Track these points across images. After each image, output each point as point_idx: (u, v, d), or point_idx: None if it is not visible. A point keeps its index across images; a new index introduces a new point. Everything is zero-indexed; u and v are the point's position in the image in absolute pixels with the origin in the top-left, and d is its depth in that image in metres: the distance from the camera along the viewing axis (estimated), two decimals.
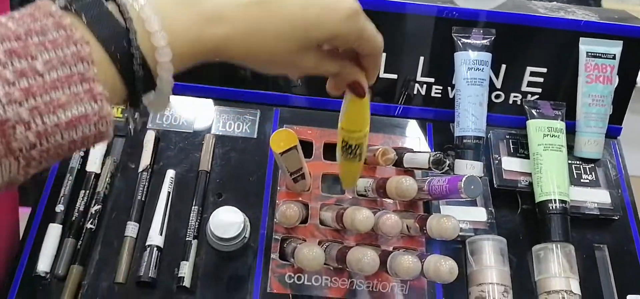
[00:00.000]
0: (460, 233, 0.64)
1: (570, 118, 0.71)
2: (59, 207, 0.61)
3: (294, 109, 0.73)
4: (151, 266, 0.59)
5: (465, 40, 0.69)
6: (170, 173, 0.65)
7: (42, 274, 0.58)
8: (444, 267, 0.55)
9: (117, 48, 0.32)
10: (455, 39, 0.69)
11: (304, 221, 0.64)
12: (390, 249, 0.63)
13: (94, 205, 0.62)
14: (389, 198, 0.64)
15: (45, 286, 0.58)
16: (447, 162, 0.63)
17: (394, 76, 0.72)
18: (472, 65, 0.69)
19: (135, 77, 0.33)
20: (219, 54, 0.37)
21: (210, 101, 0.72)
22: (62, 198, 0.62)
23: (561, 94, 0.72)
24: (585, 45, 0.70)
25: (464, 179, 0.55)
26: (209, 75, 0.71)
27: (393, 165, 0.68)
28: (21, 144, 0.29)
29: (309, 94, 0.73)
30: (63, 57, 0.30)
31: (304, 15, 0.38)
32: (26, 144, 0.29)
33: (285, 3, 0.38)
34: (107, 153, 0.66)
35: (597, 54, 0.70)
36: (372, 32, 0.42)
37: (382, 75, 0.72)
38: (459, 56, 0.69)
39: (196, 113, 0.71)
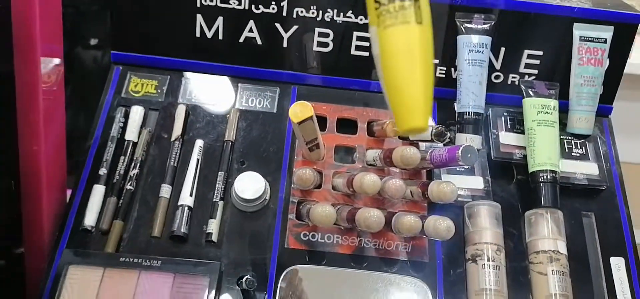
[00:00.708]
0: (459, 199, 0.71)
1: (564, 97, 0.77)
2: (102, 171, 0.69)
3: (310, 87, 0.80)
4: (183, 222, 0.67)
5: (468, 25, 0.76)
6: (199, 143, 0.73)
7: (88, 228, 0.66)
8: (441, 225, 0.62)
9: None
10: (458, 23, 0.76)
11: (318, 186, 0.71)
12: (396, 211, 0.70)
13: (133, 169, 0.70)
14: (395, 167, 0.71)
15: (91, 238, 0.66)
16: (448, 134, 0.70)
17: None
18: (473, 48, 0.75)
19: None
20: None
21: (234, 80, 0.79)
22: (105, 163, 0.70)
23: (556, 75, 0.78)
24: (579, 30, 0.76)
25: (461, 148, 0.62)
26: (233, 55, 0.79)
27: (399, 138, 0.75)
28: None
29: (324, 74, 0.80)
30: None
31: None
32: None
33: None
34: (143, 124, 0.74)
35: (589, 38, 0.76)
36: None
37: None
38: (461, 39, 0.76)
39: (222, 90, 0.78)
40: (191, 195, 0.69)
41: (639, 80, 2.46)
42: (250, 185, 0.69)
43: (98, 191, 0.68)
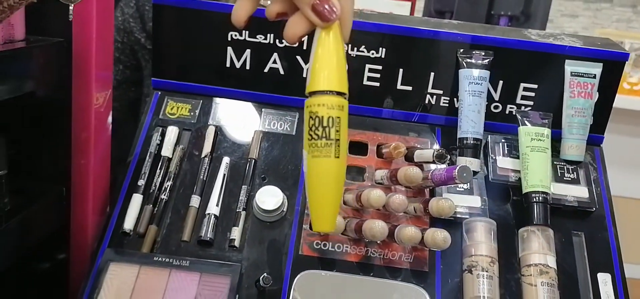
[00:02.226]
0: (459, 216, 0.78)
1: (557, 127, 0.84)
2: (140, 182, 0.79)
3: None
4: (209, 229, 0.75)
5: (468, 60, 0.84)
6: (226, 160, 0.82)
7: (127, 231, 0.75)
8: (439, 236, 0.70)
9: None
10: (459, 59, 0.84)
11: None
12: (399, 224, 0.77)
13: (167, 181, 0.79)
14: (401, 185, 0.79)
15: (130, 240, 0.75)
16: (448, 157, 0.78)
17: (409, 88, 0.87)
18: (473, 81, 0.83)
19: None
20: None
21: (259, 105, 0.89)
22: (143, 175, 0.79)
23: (549, 106, 0.85)
24: (570, 66, 0.84)
25: (458, 167, 0.70)
26: (258, 83, 0.88)
27: (405, 159, 0.83)
28: None
29: None
30: None
31: None
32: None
33: None
34: (177, 142, 0.83)
35: (580, 74, 0.83)
36: None
37: (399, 87, 0.87)
38: (462, 73, 0.84)
39: (247, 114, 0.88)
40: (217, 205, 0.78)
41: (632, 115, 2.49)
42: (270, 198, 0.77)
43: (136, 199, 0.77)
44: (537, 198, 0.77)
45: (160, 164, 0.81)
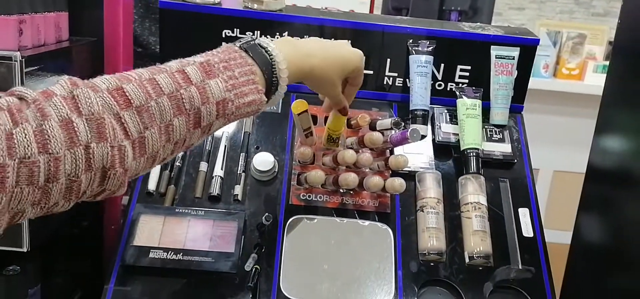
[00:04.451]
0: (412, 169, 1.00)
1: (486, 99, 1.07)
2: None
3: (305, 94, 1.09)
4: (217, 187, 0.95)
5: (416, 48, 1.06)
6: (226, 134, 1.02)
7: (151, 191, 0.94)
8: (396, 182, 0.92)
9: (266, 70, 0.69)
10: (409, 48, 1.06)
11: (312, 162, 1.00)
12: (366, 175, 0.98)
13: None
14: (366, 147, 1.00)
15: (153, 198, 0.94)
16: (403, 124, 1.00)
17: (371, 72, 1.08)
18: (420, 64, 1.05)
19: (272, 84, 0.70)
20: (309, 76, 0.77)
21: None
22: None
23: (480, 82, 1.08)
24: (495, 50, 1.07)
25: (410, 129, 0.92)
26: None
27: (369, 128, 1.04)
28: (230, 111, 0.65)
29: None
30: (245, 72, 0.66)
31: (347, 57, 0.80)
32: (231, 112, 0.65)
33: (340, 51, 0.79)
34: None
35: (502, 56, 1.06)
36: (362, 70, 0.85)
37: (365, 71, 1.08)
38: (412, 58, 1.06)
39: None
40: (222, 169, 0.97)
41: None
42: (264, 161, 0.97)
43: (156, 166, 0.96)
44: (471, 154, 1.00)
45: None
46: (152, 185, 0.94)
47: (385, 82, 1.09)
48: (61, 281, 0.90)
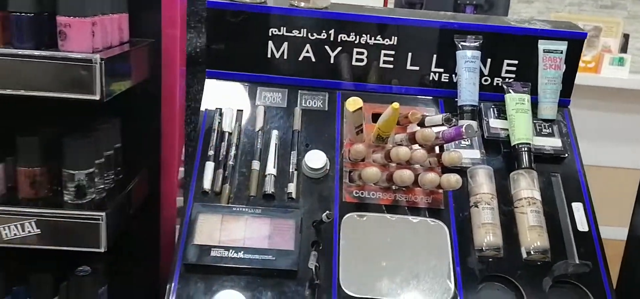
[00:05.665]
0: (463, 165, 1.00)
1: (534, 93, 1.07)
2: (210, 152, 0.97)
3: (349, 91, 1.09)
4: (271, 185, 0.95)
5: (464, 43, 1.05)
6: (275, 132, 1.01)
7: (206, 190, 0.93)
8: (452, 178, 0.91)
9: None
10: (457, 43, 1.06)
11: (362, 159, 0.99)
12: (420, 172, 0.98)
13: (231, 151, 0.98)
14: (417, 144, 0.99)
15: (209, 197, 0.94)
16: (454, 120, 0.99)
17: (417, 68, 1.08)
18: (468, 60, 1.05)
19: None
20: None
21: (294, 88, 1.08)
22: (211, 147, 0.98)
23: (527, 77, 1.07)
24: (542, 45, 1.06)
25: (465, 125, 0.91)
26: (294, 70, 1.07)
27: (417, 125, 1.03)
28: None
29: (359, 81, 1.09)
30: None
31: None
32: None
33: None
34: (235, 120, 1.02)
35: (550, 50, 1.06)
36: None
37: (409, 68, 1.08)
38: (459, 54, 1.05)
39: (288, 95, 1.07)
40: (274, 167, 0.97)
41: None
42: (316, 159, 0.97)
43: (209, 166, 0.96)
44: (523, 148, 0.99)
45: (222, 137, 0.99)
46: (207, 184, 0.94)
47: (431, 78, 1.09)
48: (123, 281, 0.90)
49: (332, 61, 1.07)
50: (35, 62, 0.69)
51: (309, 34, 1.06)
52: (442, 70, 1.09)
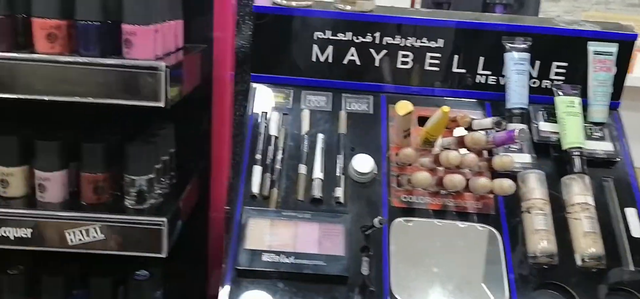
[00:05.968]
0: (514, 170, 0.98)
1: (585, 96, 1.04)
2: (257, 156, 0.97)
3: (393, 95, 1.08)
4: (319, 189, 0.94)
5: (512, 45, 1.04)
6: (321, 136, 1.01)
7: (255, 194, 0.93)
8: (505, 183, 0.89)
9: None
10: (504, 44, 1.04)
11: (409, 163, 0.98)
12: (469, 178, 0.96)
13: (278, 154, 0.97)
14: (465, 147, 0.98)
15: (257, 200, 0.93)
16: (504, 123, 0.98)
17: (463, 70, 1.07)
18: (517, 62, 1.03)
19: None
20: None
21: (339, 91, 1.07)
22: (259, 151, 0.97)
23: (577, 79, 1.05)
24: (592, 46, 1.04)
25: (518, 129, 0.90)
26: (339, 73, 1.07)
27: (465, 129, 1.02)
28: None
29: (403, 84, 1.08)
30: None
31: None
32: None
33: None
34: (281, 124, 1.01)
35: (601, 52, 1.03)
36: None
37: (455, 70, 1.06)
38: (507, 56, 1.04)
39: (332, 99, 1.06)
40: (321, 171, 0.96)
41: None
42: (364, 163, 0.96)
43: (257, 170, 0.95)
44: (575, 153, 0.97)
45: (269, 141, 0.99)
46: (255, 188, 0.94)
47: (478, 81, 1.07)
48: (175, 285, 0.90)
49: (376, 64, 1.06)
50: (103, 69, 0.69)
51: (354, 37, 1.05)
52: (489, 72, 1.07)
